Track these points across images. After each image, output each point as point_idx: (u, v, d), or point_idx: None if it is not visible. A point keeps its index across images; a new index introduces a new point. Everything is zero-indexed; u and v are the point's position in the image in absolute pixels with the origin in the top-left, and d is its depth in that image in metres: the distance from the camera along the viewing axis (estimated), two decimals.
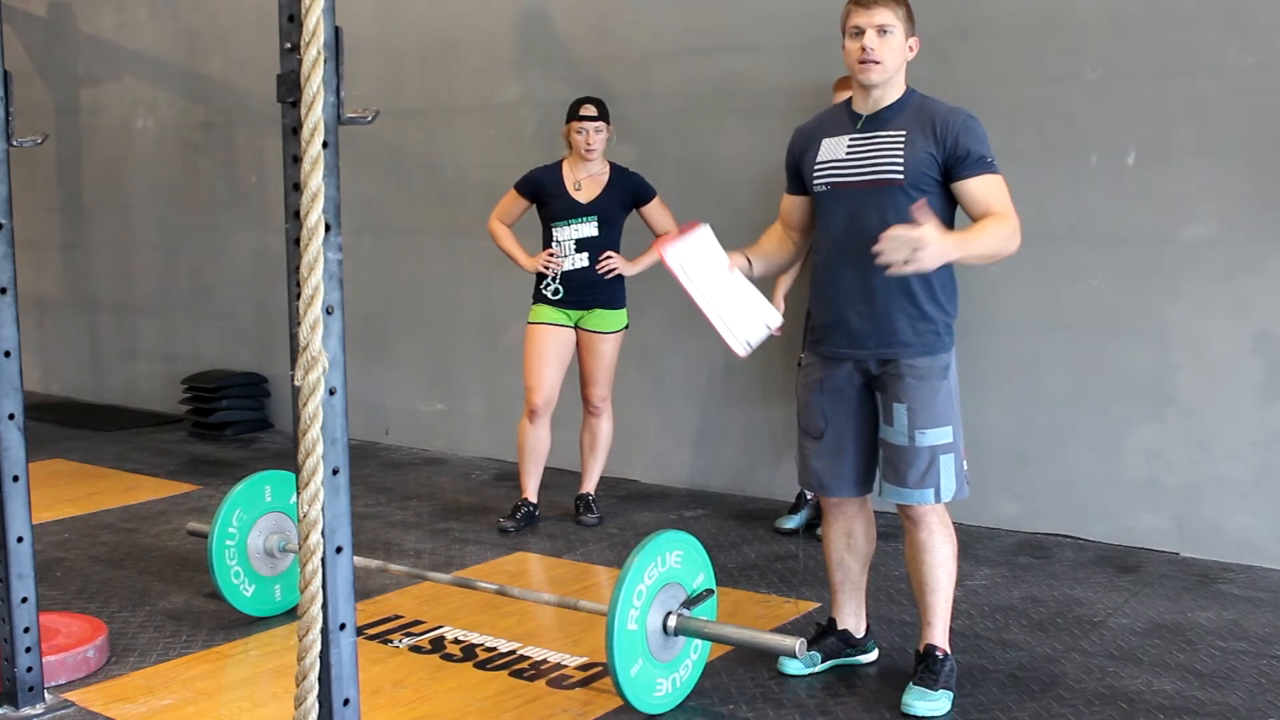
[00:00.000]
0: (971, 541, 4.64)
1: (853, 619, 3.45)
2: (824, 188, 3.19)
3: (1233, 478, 4.43)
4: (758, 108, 5.37)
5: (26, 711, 3.15)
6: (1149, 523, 4.59)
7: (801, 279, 4.59)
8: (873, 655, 3.50)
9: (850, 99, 3.24)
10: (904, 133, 3.10)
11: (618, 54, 5.80)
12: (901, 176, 3.07)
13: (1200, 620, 3.84)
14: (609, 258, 4.93)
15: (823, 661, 3.41)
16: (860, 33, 3.09)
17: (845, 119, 3.22)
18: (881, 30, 3.08)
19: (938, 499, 3.15)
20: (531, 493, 5.08)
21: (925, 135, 3.07)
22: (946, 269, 3.10)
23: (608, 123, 4.94)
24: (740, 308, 3.09)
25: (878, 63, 3.08)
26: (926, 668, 3.20)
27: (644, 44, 5.72)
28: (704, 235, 3.12)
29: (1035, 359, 4.79)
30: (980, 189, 3.06)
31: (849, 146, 3.16)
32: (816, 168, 3.21)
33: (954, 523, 3.27)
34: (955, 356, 3.21)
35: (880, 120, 3.15)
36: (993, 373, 4.85)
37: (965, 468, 3.21)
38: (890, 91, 3.15)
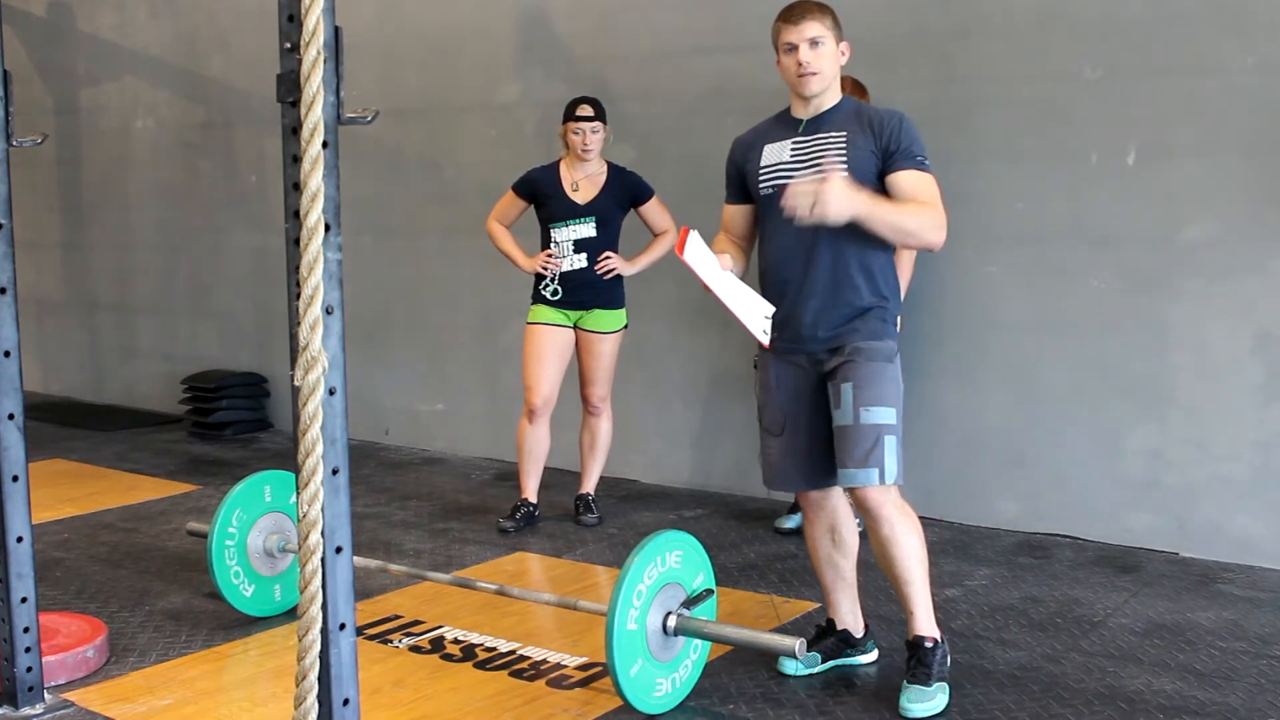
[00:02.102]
0: (971, 541, 4.64)
1: (850, 618, 3.46)
2: (770, 190, 3.27)
3: (1232, 477, 4.43)
4: (758, 108, 5.29)
5: (26, 711, 3.15)
6: (1148, 522, 4.59)
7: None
8: (872, 655, 3.50)
9: (788, 108, 3.35)
10: (845, 134, 3.22)
11: (618, 54, 5.80)
12: (845, 175, 3.13)
13: (1200, 620, 3.84)
14: (607, 258, 4.92)
15: (823, 662, 3.42)
16: (794, 48, 3.22)
17: (786, 125, 3.34)
18: (813, 43, 3.21)
19: (882, 480, 3.13)
20: (531, 493, 5.08)
21: (865, 135, 3.20)
22: (887, 263, 3.26)
23: (604, 123, 4.93)
24: (745, 301, 3.21)
25: (815, 73, 3.22)
26: (918, 661, 3.20)
27: (644, 44, 5.71)
28: (698, 240, 3.17)
29: (1035, 359, 4.79)
30: (909, 182, 3.17)
31: (793, 150, 3.27)
32: (762, 172, 3.31)
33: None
34: (899, 350, 3.27)
35: (821, 123, 3.26)
36: (992, 373, 4.86)
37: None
38: (828, 97, 3.28)
